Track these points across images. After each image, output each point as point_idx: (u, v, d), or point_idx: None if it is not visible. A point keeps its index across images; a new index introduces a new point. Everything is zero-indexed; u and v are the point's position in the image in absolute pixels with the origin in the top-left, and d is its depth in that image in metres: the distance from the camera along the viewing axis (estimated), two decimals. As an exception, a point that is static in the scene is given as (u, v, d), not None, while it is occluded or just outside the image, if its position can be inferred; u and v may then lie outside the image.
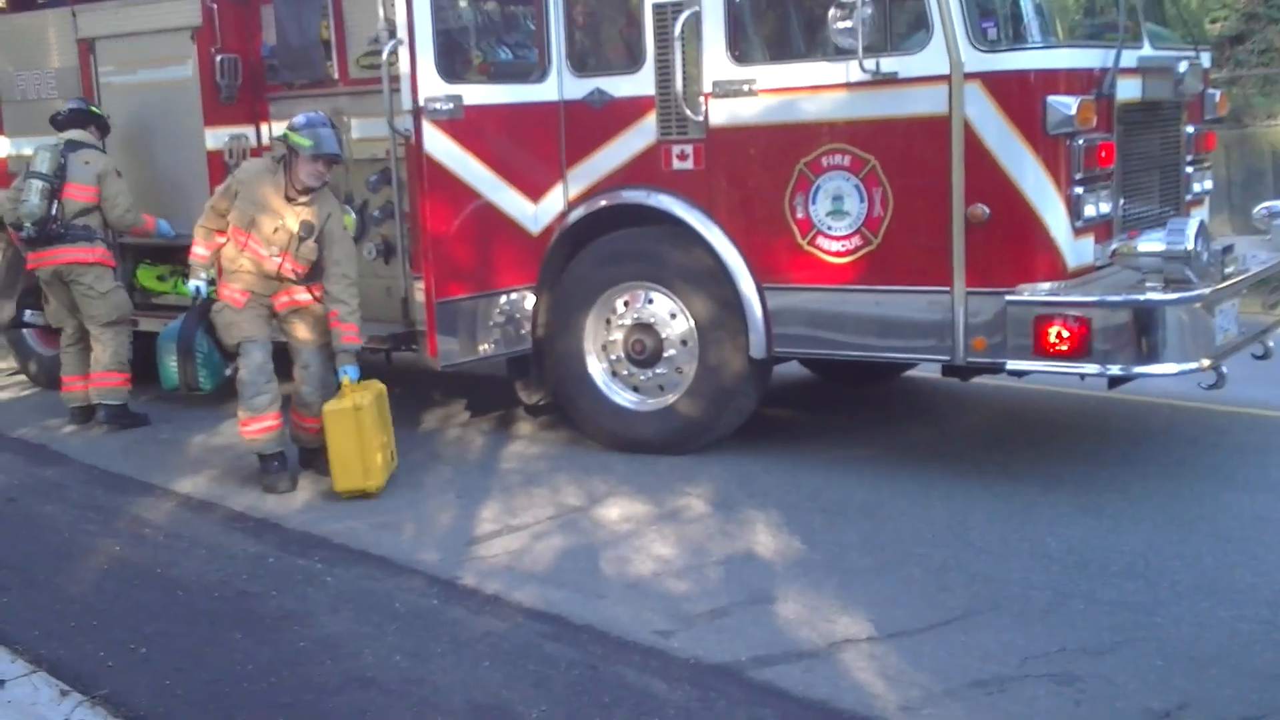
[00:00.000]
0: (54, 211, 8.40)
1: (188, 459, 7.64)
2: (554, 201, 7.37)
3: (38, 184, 8.37)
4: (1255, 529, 5.64)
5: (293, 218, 6.75)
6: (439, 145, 6.93)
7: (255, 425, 6.82)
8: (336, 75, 8.24)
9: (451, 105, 6.95)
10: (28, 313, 9.57)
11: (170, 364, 7.02)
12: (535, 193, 7.35)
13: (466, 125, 7.03)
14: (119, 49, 9.11)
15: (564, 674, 4.50)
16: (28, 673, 4.60)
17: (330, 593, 5.37)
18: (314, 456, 7.01)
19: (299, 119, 6.79)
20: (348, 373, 6.73)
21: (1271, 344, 6.76)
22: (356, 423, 6.51)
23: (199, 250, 7.04)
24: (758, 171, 6.69)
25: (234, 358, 6.95)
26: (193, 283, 7.07)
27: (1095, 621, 4.71)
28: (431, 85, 6.87)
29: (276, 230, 6.74)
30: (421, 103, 6.86)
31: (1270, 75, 14.77)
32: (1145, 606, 4.82)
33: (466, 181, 7.08)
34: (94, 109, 8.84)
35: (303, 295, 6.92)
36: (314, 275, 6.89)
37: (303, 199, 6.77)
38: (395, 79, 7.53)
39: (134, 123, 9.08)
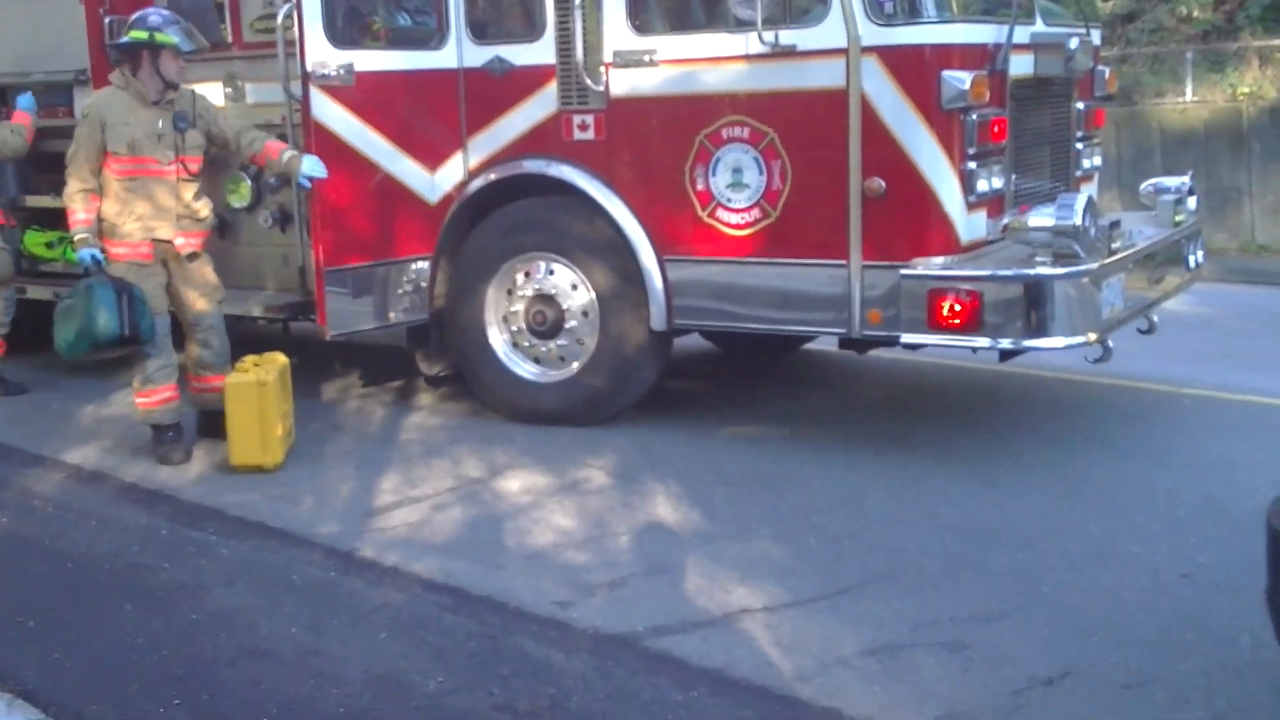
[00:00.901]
0: None
1: (78, 429, 7.48)
2: (453, 170, 7.30)
3: None
4: (1139, 498, 5.80)
5: (166, 118, 6.69)
6: (329, 112, 6.89)
7: (154, 397, 6.70)
8: (231, 39, 8.09)
9: (342, 72, 6.89)
10: None
11: (109, 307, 6.39)
12: (433, 161, 7.28)
13: (358, 92, 6.98)
14: (4, 6, 8.83)
15: (462, 645, 4.51)
16: (-90, 649, 4.50)
17: (225, 565, 5.31)
18: (215, 420, 6.83)
19: (151, 18, 6.74)
20: (307, 161, 6.69)
21: (1156, 319, 6.98)
22: (259, 398, 6.43)
23: (82, 215, 6.62)
24: (658, 143, 6.69)
25: None
26: (86, 251, 6.58)
27: (986, 590, 4.83)
28: (320, 51, 6.82)
29: (161, 137, 6.65)
30: (310, 69, 6.81)
31: (1159, 54, 15.13)
32: (1034, 575, 4.95)
33: (358, 149, 7.04)
34: None
35: (195, 237, 6.82)
36: (201, 174, 6.90)
37: (169, 95, 6.72)
38: (290, 44, 7.42)
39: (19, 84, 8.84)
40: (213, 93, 8.12)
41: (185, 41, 6.70)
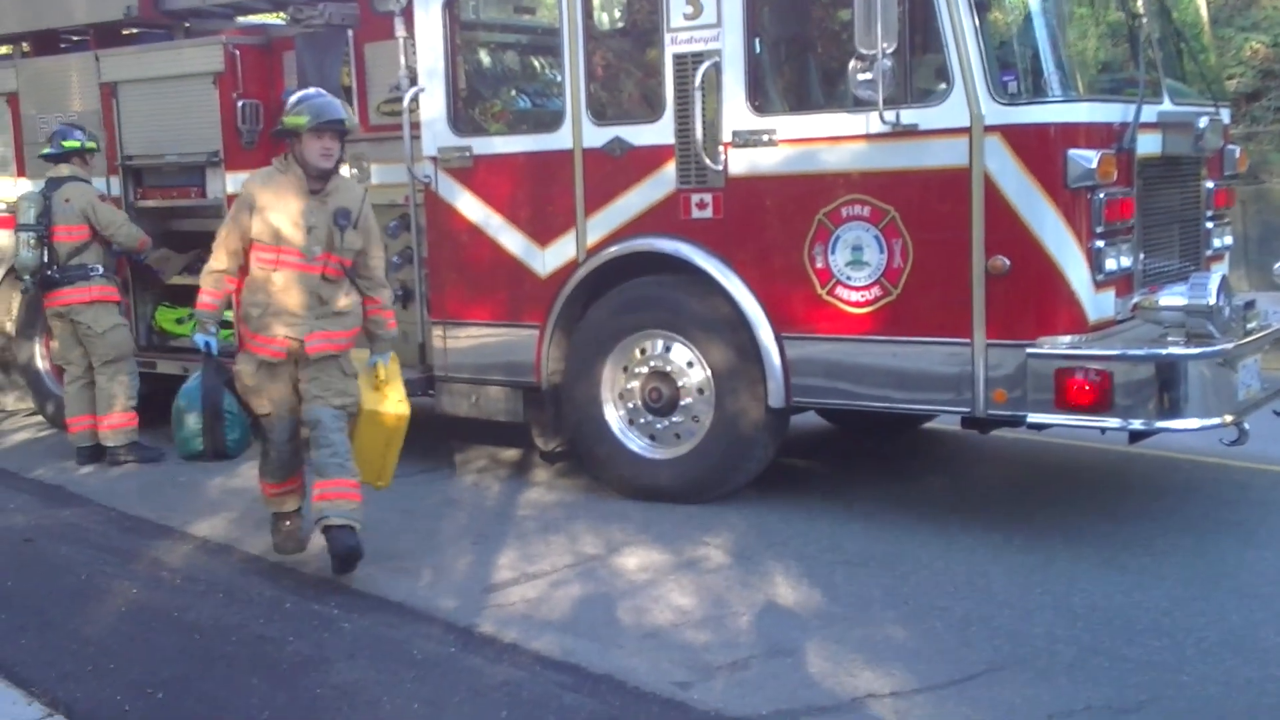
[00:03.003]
0: (46, 258, 8.46)
1: (205, 501, 7.62)
2: (566, 247, 7.36)
3: (24, 236, 8.52)
4: (1279, 587, 5.59)
5: (322, 210, 6.01)
6: (449, 189, 7.62)
7: (282, 488, 6.34)
8: (357, 121, 8.31)
9: (462, 154, 7.55)
10: None
11: (193, 428, 6.17)
12: (545, 236, 7.40)
13: (476, 172, 7.55)
14: (141, 93, 9.19)
15: (583, 725, 4.47)
16: (44, 715, 4.58)
17: (347, 639, 5.34)
18: (350, 555, 6.07)
19: (290, 99, 6.17)
20: (382, 360, 6.37)
21: (1293, 400, 6.76)
22: (393, 433, 6.38)
23: (208, 299, 6.18)
24: (777, 221, 6.69)
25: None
26: (201, 337, 6.19)
27: (1121, 679, 4.66)
28: (443, 137, 7.57)
29: (311, 229, 5.98)
30: (435, 153, 7.52)
31: (1286, 131, 14.81)
32: (1171, 665, 4.78)
33: (473, 222, 7.64)
34: (68, 143, 8.71)
35: (341, 337, 6.12)
36: (351, 275, 6.16)
37: (329, 185, 6.06)
38: (415, 126, 7.66)
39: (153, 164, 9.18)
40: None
41: (323, 113, 5.99)
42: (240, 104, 8.65)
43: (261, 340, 6.04)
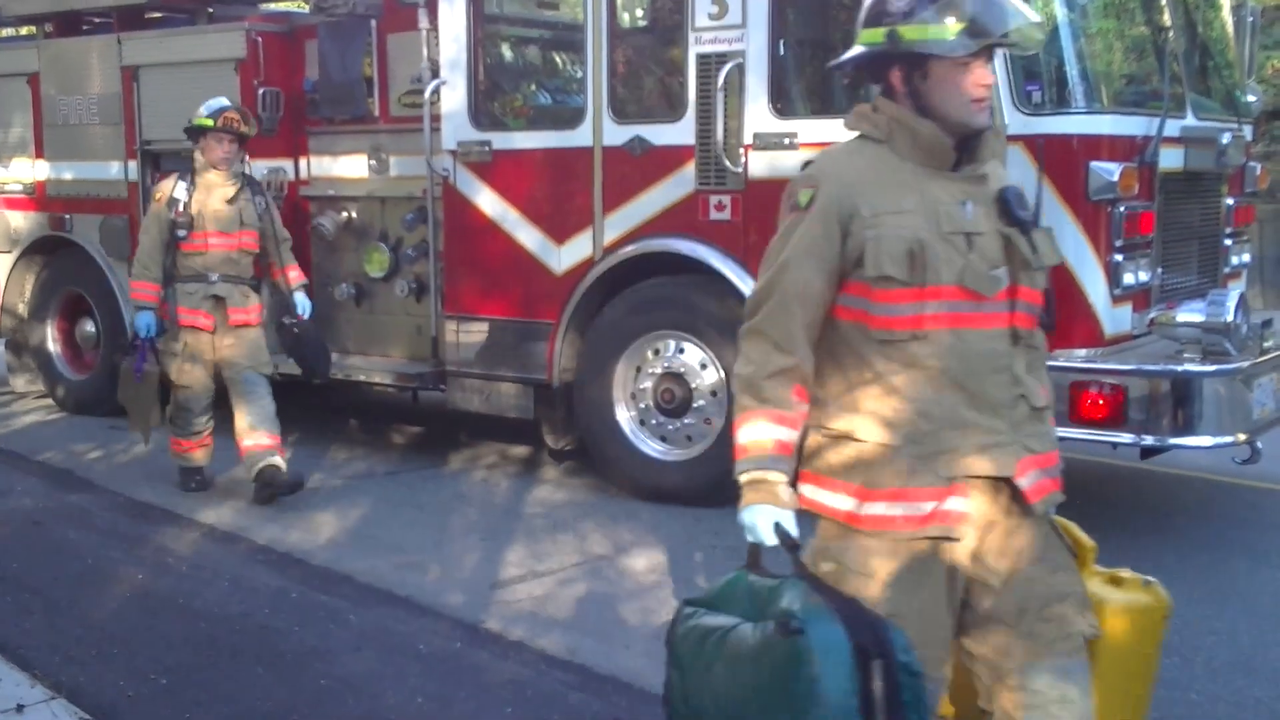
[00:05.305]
0: None
1: (212, 490, 7.60)
2: (583, 244, 7.35)
3: None
4: (1290, 608, 5.57)
5: (981, 198, 2.95)
6: (467, 183, 7.58)
7: None
8: (377, 113, 8.32)
9: (482, 149, 7.52)
10: None
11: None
12: (562, 233, 7.38)
13: (495, 166, 7.52)
14: (162, 77, 9.18)
15: (588, 726, 4.45)
16: (47, 699, 4.55)
17: (353, 631, 5.33)
18: None
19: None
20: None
21: (1308, 420, 6.71)
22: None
23: (780, 433, 2.92)
24: (795, 225, 6.65)
25: None
26: (772, 516, 2.90)
27: (1129, 696, 4.64)
28: (462, 130, 7.52)
29: (974, 239, 2.91)
30: (455, 146, 7.49)
31: (1305, 150, 14.76)
32: (1180, 683, 4.75)
33: (490, 216, 7.59)
34: (195, 121, 7.36)
35: (1057, 466, 3.19)
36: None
37: (980, 151, 2.98)
38: (436, 118, 7.66)
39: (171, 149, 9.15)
40: (356, 165, 8.41)
41: (1006, 19, 2.87)
42: (261, 91, 8.61)
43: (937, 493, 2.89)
